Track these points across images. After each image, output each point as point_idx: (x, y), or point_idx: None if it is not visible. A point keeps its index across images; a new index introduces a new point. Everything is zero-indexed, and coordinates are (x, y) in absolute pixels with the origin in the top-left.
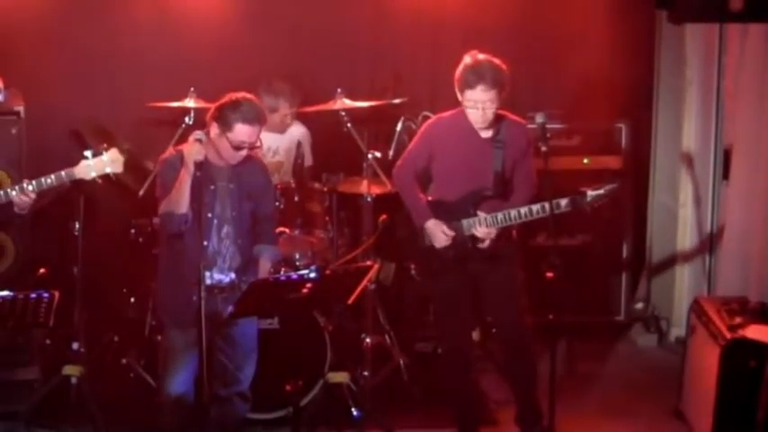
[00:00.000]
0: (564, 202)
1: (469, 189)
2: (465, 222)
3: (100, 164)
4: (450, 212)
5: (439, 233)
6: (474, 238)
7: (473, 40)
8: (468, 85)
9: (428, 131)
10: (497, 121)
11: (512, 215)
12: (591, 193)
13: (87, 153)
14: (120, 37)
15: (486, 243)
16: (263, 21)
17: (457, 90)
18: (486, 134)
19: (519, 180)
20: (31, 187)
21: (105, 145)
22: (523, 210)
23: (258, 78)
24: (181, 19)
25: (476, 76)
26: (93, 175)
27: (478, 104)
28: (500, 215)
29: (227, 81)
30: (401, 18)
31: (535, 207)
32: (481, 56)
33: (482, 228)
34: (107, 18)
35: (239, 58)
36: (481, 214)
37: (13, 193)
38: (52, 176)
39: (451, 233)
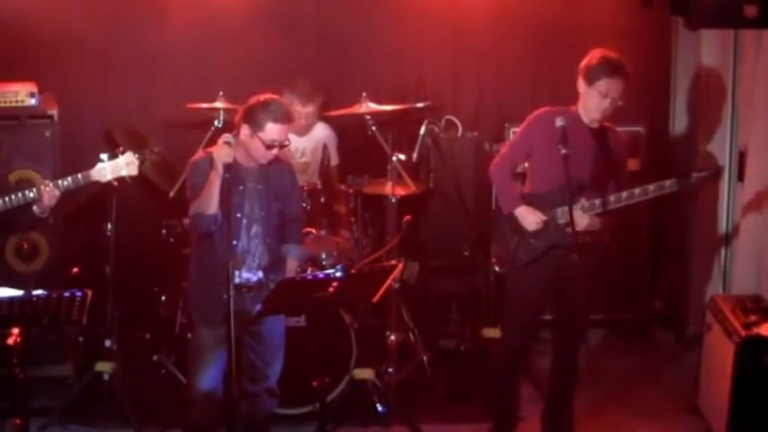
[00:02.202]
0: (669, 182)
1: (567, 180)
2: (559, 211)
3: (115, 167)
4: (544, 203)
5: (530, 216)
6: (566, 227)
7: (495, 45)
8: (605, 73)
9: (532, 122)
10: (601, 125)
11: (611, 200)
12: (696, 174)
13: (103, 156)
14: (151, 42)
15: (584, 224)
16: (290, 26)
17: (585, 80)
18: (594, 126)
19: (615, 184)
20: (49, 188)
21: (121, 148)
22: (624, 194)
23: (284, 82)
24: (210, 24)
25: (613, 66)
26: (109, 177)
27: (609, 94)
28: (597, 201)
29: (254, 85)
30: (425, 23)
31: (636, 190)
32: (612, 52)
33: (581, 215)
34: (138, 24)
35: (266, 63)
36: (580, 202)
37: (31, 195)
38: (69, 179)
39: (543, 217)
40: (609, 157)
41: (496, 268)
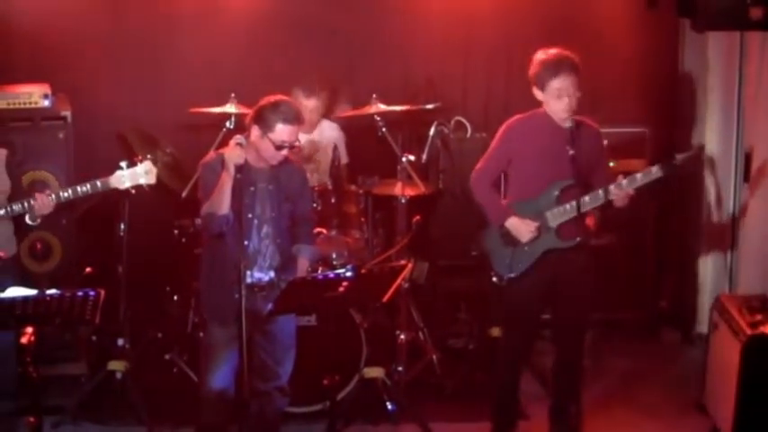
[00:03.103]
0: (654, 168)
1: (550, 182)
2: (549, 214)
3: (134, 175)
4: (532, 209)
5: (523, 227)
6: (557, 229)
7: (504, 46)
8: (551, 74)
9: (506, 132)
10: (573, 120)
11: (599, 194)
12: (679, 156)
13: (122, 164)
14: (163, 44)
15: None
16: (300, 28)
17: (537, 86)
18: (566, 125)
19: (600, 177)
20: (66, 195)
21: (140, 156)
22: (612, 186)
23: (295, 84)
24: (221, 27)
25: (556, 65)
26: (128, 185)
27: (563, 93)
28: (587, 198)
29: (265, 87)
30: (434, 25)
31: (624, 181)
32: (551, 50)
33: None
34: (151, 26)
35: (277, 65)
36: (564, 205)
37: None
38: (87, 185)
39: (535, 224)
40: (587, 152)
41: (494, 279)
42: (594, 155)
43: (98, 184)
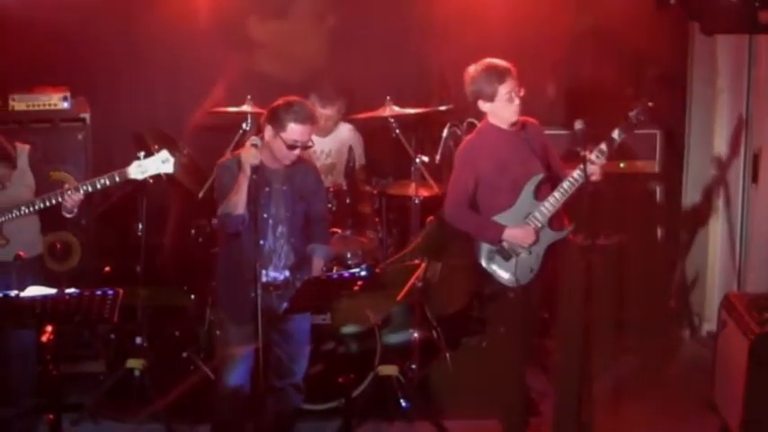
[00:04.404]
0: (616, 131)
1: (523, 185)
2: (537, 213)
3: (151, 165)
4: (517, 217)
5: (521, 234)
6: (549, 223)
7: (516, 49)
8: (498, 81)
9: (464, 156)
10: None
11: (576, 175)
12: (632, 113)
13: (140, 155)
14: (181, 47)
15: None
16: (317, 31)
17: (483, 98)
18: (513, 128)
19: (558, 166)
20: (85, 188)
21: (156, 147)
22: (585, 164)
23: (310, 86)
24: (238, 30)
25: (499, 72)
26: (145, 175)
27: (513, 94)
28: (565, 183)
29: (280, 88)
30: (447, 27)
31: (594, 154)
32: (482, 62)
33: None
34: (168, 29)
35: (292, 67)
36: (548, 199)
37: (69, 193)
38: (106, 177)
39: (532, 226)
40: (541, 146)
41: (511, 295)
42: (547, 147)
43: (116, 175)
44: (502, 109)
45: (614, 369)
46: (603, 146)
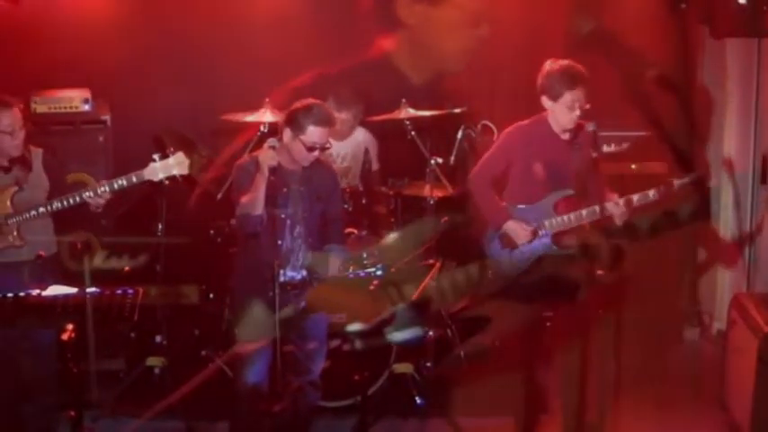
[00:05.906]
0: (652, 192)
1: (551, 191)
2: (548, 222)
3: (166, 166)
4: (529, 217)
5: (520, 230)
6: (555, 237)
7: (529, 51)
8: (568, 86)
9: (508, 140)
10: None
11: (596, 210)
12: (677, 181)
13: (155, 156)
14: (200, 51)
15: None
16: (333, 35)
17: (548, 96)
18: (565, 137)
19: (597, 182)
20: (104, 189)
21: (172, 149)
22: (609, 204)
23: (327, 89)
24: (256, 34)
25: (573, 77)
26: (161, 176)
27: (576, 106)
28: (584, 212)
29: (298, 91)
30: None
31: (621, 201)
32: (563, 61)
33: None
34: (188, 33)
35: (309, 70)
36: (563, 216)
37: (86, 194)
38: (123, 179)
39: (531, 228)
40: (585, 159)
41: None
42: (591, 161)
43: (133, 177)
44: (560, 113)
45: (626, 368)
46: (636, 197)
